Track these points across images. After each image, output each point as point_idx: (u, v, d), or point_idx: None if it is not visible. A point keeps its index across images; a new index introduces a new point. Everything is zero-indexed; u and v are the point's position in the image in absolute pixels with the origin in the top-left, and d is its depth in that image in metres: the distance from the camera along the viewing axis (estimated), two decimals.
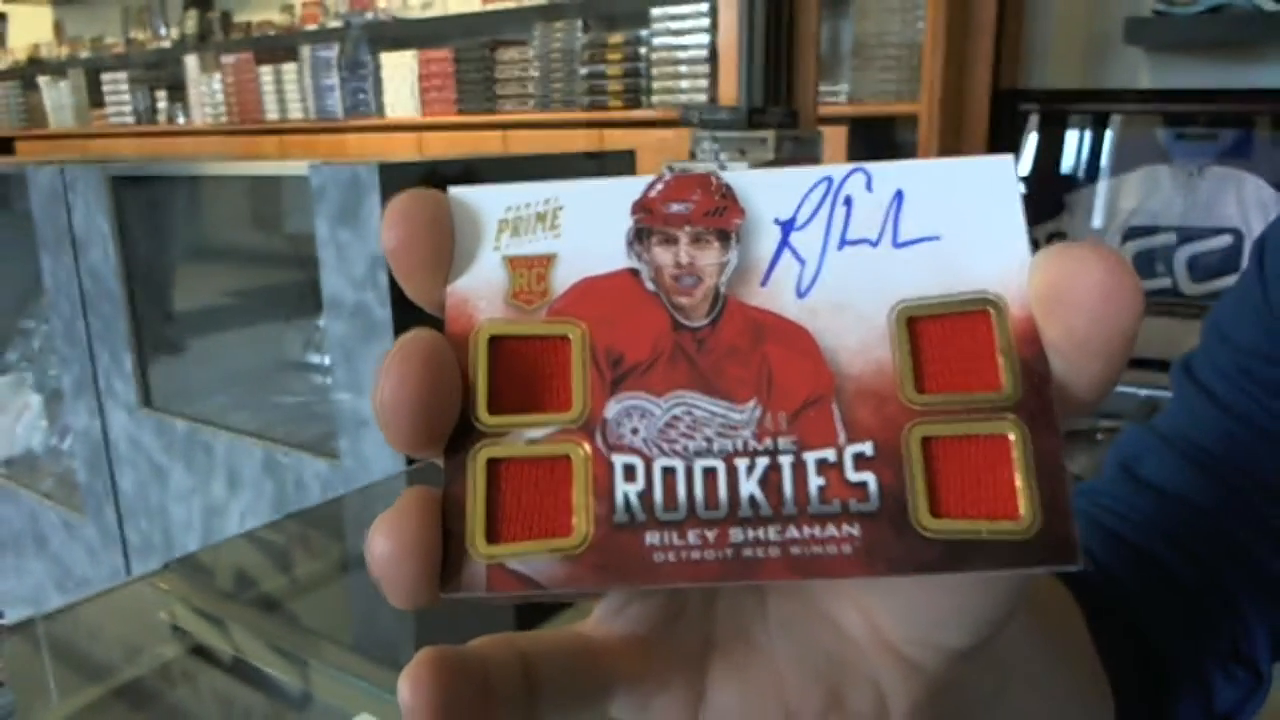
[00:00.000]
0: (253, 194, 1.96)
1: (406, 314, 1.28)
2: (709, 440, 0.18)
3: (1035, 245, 0.19)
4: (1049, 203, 1.70)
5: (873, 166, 0.20)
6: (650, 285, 0.19)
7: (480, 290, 0.20)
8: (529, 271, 0.20)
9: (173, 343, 1.92)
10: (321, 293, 1.38)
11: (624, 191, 0.20)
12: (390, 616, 0.98)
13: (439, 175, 1.41)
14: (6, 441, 2.34)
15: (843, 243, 0.19)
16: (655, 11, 2.77)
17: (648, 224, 0.20)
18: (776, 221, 0.19)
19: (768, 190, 0.20)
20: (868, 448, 0.18)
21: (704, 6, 2.66)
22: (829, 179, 0.20)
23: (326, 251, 1.35)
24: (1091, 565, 0.41)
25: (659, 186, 0.20)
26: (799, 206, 0.19)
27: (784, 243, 0.19)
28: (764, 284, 0.19)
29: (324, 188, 1.32)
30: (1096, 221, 1.66)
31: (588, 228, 0.20)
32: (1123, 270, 0.17)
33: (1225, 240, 1.54)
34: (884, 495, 0.18)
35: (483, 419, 0.19)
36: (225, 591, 1.01)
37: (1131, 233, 1.61)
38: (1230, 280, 1.52)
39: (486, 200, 0.20)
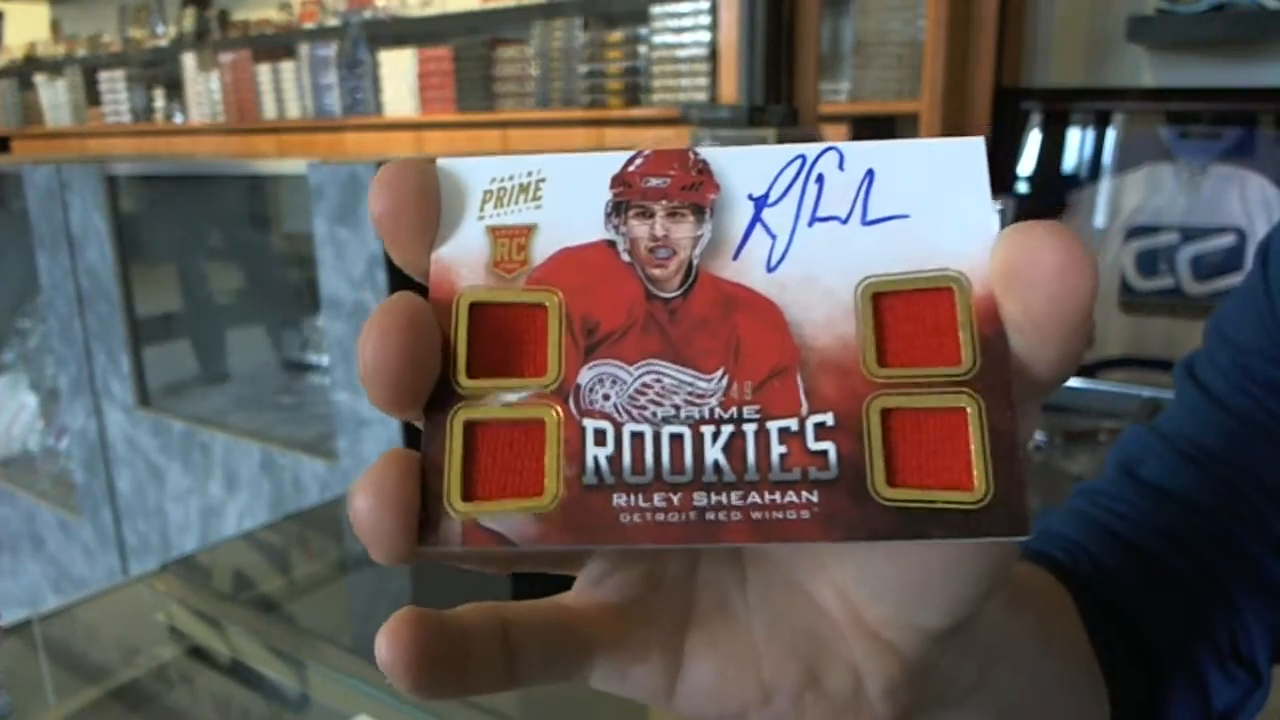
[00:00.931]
0: (250, 193, 1.95)
1: None
2: (677, 407, 0.19)
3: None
4: (1051, 202, 1.69)
5: (845, 146, 0.20)
6: (626, 257, 0.20)
7: (463, 258, 0.20)
8: (510, 241, 0.20)
9: (169, 342, 1.91)
10: (320, 292, 1.38)
11: (604, 166, 0.21)
12: (388, 617, 0.97)
13: None
14: (2, 442, 2.33)
15: (813, 219, 0.20)
16: (655, 9, 2.76)
17: (625, 197, 0.20)
18: (750, 197, 0.20)
19: (743, 167, 0.20)
20: (829, 418, 0.19)
21: (704, 4, 2.65)
22: (803, 157, 0.20)
23: (325, 251, 1.35)
24: (1091, 563, 0.41)
25: (638, 161, 0.21)
26: (772, 183, 0.20)
27: (756, 218, 0.20)
28: (735, 258, 0.20)
29: (322, 186, 1.32)
30: (1099, 221, 1.65)
31: (568, 200, 0.20)
32: (1078, 249, 0.17)
33: (1228, 239, 1.53)
34: (843, 464, 0.18)
35: (461, 382, 0.19)
36: (223, 592, 1.00)
37: (1134, 232, 1.60)
38: (1233, 280, 1.52)
39: (472, 171, 0.21)
